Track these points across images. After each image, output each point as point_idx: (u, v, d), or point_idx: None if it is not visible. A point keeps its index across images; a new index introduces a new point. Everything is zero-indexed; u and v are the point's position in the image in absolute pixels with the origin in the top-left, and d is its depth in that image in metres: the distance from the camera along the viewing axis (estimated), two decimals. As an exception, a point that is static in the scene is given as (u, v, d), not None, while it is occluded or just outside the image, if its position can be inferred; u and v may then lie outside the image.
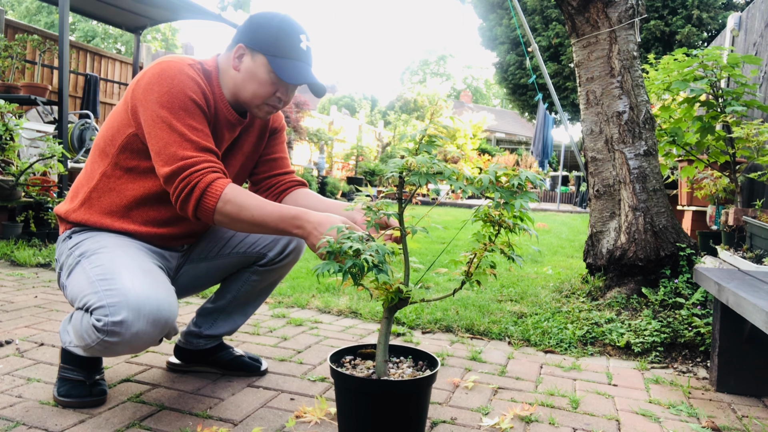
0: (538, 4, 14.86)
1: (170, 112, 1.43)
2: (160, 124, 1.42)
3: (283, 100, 1.60)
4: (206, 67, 1.58)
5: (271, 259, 1.75)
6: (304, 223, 1.41)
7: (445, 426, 1.52)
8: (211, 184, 1.40)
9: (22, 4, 28.46)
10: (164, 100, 1.43)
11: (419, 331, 2.47)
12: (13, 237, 4.02)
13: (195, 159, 1.41)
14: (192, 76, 1.48)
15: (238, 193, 1.42)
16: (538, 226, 4.41)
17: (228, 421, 1.47)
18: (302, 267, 3.70)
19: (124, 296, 1.31)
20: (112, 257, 1.43)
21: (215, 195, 1.39)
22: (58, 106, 4.60)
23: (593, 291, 2.87)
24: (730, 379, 1.89)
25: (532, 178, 1.24)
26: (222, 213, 1.41)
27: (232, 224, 1.44)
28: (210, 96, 1.54)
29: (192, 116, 1.45)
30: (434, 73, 49.88)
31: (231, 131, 1.64)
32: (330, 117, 14.39)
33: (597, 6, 2.85)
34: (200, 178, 1.40)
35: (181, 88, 1.45)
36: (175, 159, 1.41)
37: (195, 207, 1.41)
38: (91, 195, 1.56)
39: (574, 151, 5.75)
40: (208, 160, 1.43)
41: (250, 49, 1.53)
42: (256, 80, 1.53)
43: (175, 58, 1.51)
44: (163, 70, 1.46)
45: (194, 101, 1.46)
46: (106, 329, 1.30)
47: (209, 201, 1.40)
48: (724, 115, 3.04)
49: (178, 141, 1.41)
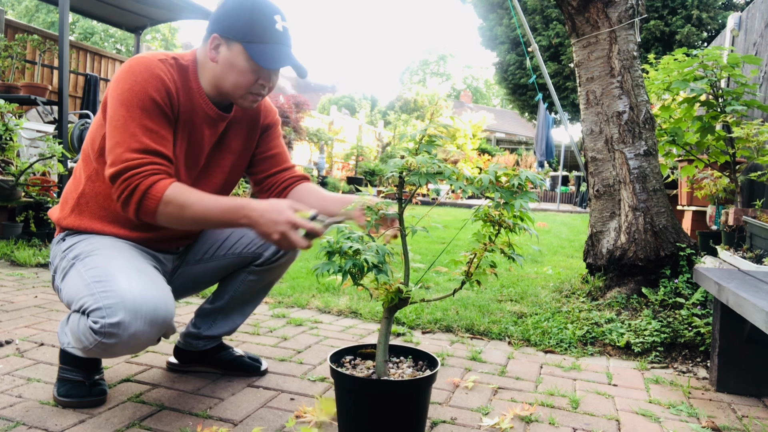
0: (538, 4, 14.85)
1: (127, 110, 1.40)
2: (115, 121, 1.40)
3: (267, 86, 1.55)
4: (182, 62, 1.53)
5: (267, 259, 1.73)
6: (248, 212, 1.38)
7: (445, 426, 1.51)
8: (152, 186, 1.37)
9: (21, 3, 28.45)
10: (124, 98, 1.41)
11: (419, 331, 2.46)
12: (13, 237, 4.02)
13: (139, 161, 1.38)
14: (157, 74, 1.44)
15: (180, 192, 1.39)
16: (538, 226, 4.40)
17: (228, 421, 1.47)
18: (302, 267, 3.70)
19: (120, 297, 1.31)
20: (106, 259, 1.42)
21: (155, 197, 1.37)
22: (58, 106, 4.60)
23: (593, 291, 2.87)
24: (730, 379, 1.88)
25: (532, 178, 1.24)
26: (164, 214, 1.38)
27: (177, 224, 1.42)
28: (180, 93, 1.50)
29: (149, 116, 1.42)
30: (434, 73, 49.87)
31: (212, 128, 1.59)
32: (330, 117, 14.39)
33: (597, 6, 2.85)
34: (141, 180, 1.37)
35: (143, 86, 1.41)
36: (120, 161, 1.38)
37: (136, 209, 1.38)
38: (80, 201, 1.55)
39: (574, 151, 5.75)
40: (153, 162, 1.40)
41: (225, 39, 1.48)
42: (235, 70, 1.49)
43: (147, 54, 1.48)
44: (131, 67, 1.43)
45: (154, 101, 1.42)
46: (104, 331, 1.30)
47: (150, 203, 1.37)
48: (724, 115, 3.04)
49: (127, 142, 1.38)
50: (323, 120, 13.76)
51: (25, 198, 4.05)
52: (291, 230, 1.37)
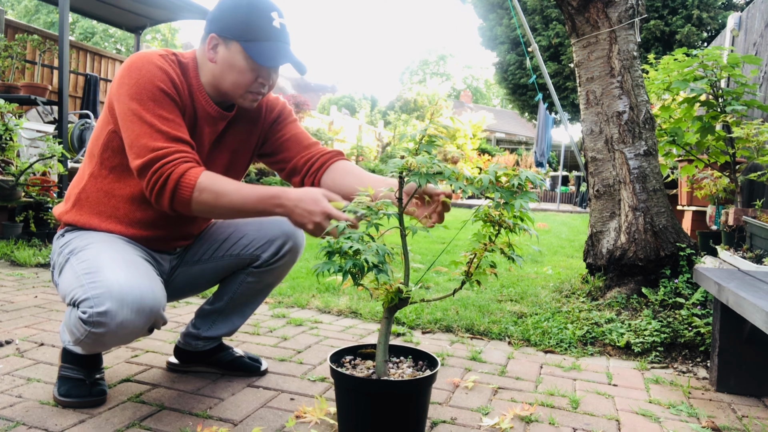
0: (538, 4, 14.85)
1: (139, 103, 1.41)
2: (131, 116, 1.41)
3: (267, 85, 1.55)
4: (182, 60, 1.54)
5: (266, 261, 1.72)
6: (284, 200, 1.37)
7: (445, 426, 1.51)
8: (185, 174, 1.37)
9: (21, 3, 28.45)
10: (133, 92, 1.41)
11: (419, 331, 2.46)
12: (13, 237, 4.02)
13: (166, 150, 1.38)
14: (160, 66, 1.45)
15: (214, 180, 1.38)
16: (538, 226, 4.40)
17: (228, 421, 1.47)
18: (302, 267, 3.70)
19: (107, 287, 1.31)
20: (97, 252, 1.43)
21: (190, 185, 1.36)
22: (58, 106, 4.60)
23: (593, 291, 2.87)
24: (730, 379, 1.88)
25: (532, 178, 1.24)
26: (199, 202, 1.38)
27: (211, 213, 1.42)
28: (183, 86, 1.50)
29: (161, 106, 1.42)
30: (434, 73, 49.87)
31: (212, 126, 1.59)
32: (330, 117, 14.40)
33: (597, 6, 2.85)
34: (173, 168, 1.37)
35: (149, 78, 1.42)
36: (147, 151, 1.38)
37: (171, 199, 1.38)
38: (81, 196, 1.56)
39: (574, 151, 5.75)
40: (180, 150, 1.40)
41: (222, 38, 1.48)
42: (234, 69, 1.48)
43: (147, 51, 1.50)
44: (133, 62, 1.44)
45: (162, 90, 1.43)
46: (92, 320, 1.30)
47: (185, 192, 1.37)
48: (724, 115, 3.04)
49: (148, 132, 1.39)
50: (323, 120, 13.76)
51: (25, 198, 4.05)
52: (325, 220, 1.35)
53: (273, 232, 1.72)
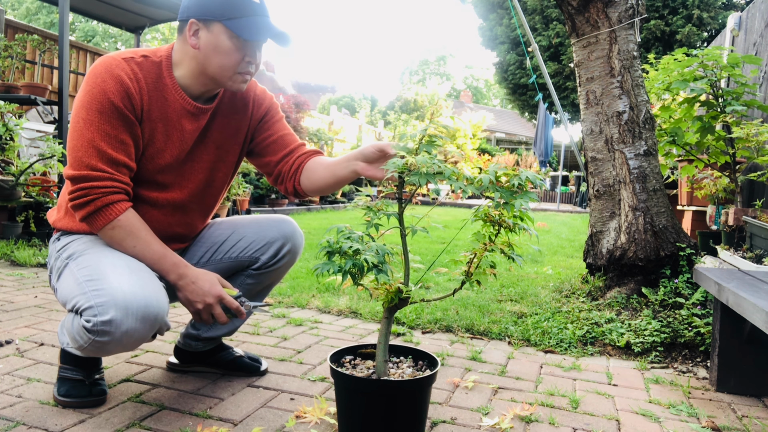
0: (538, 4, 14.85)
1: (87, 112, 1.41)
2: (75, 123, 1.42)
3: (254, 63, 1.52)
4: (153, 59, 1.51)
5: (264, 263, 1.72)
6: (183, 272, 1.47)
7: (445, 426, 1.51)
8: (110, 206, 1.41)
9: (23, 5, 28.46)
10: (84, 100, 1.42)
11: (419, 331, 2.46)
12: (13, 237, 4.02)
13: (101, 174, 1.40)
14: (116, 75, 1.42)
15: (132, 223, 1.44)
16: (538, 226, 4.40)
17: (228, 421, 1.47)
18: (302, 267, 3.70)
19: (111, 296, 1.31)
20: (98, 258, 1.42)
21: (107, 218, 1.42)
22: (58, 106, 4.60)
23: (593, 291, 2.87)
24: (730, 379, 1.88)
25: (532, 178, 1.24)
26: (106, 234, 1.44)
27: (112, 245, 1.47)
28: (145, 92, 1.48)
29: (108, 120, 1.41)
30: (434, 73, 49.88)
31: (194, 122, 1.57)
32: (330, 117, 14.39)
33: (597, 6, 2.85)
34: (100, 196, 1.40)
35: (102, 88, 1.41)
36: (82, 166, 1.40)
37: (84, 216, 1.42)
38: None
39: (574, 151, 5.75)
40: (114, 178, 1.42)
41: (203, 22, 1.45)
42: (220, 51, 1.46)
43: (113, 54, 1.47)
44: (94, 68, 1.44)
45: (112, 103, 1.41)
46: (96, 329, 1.30)
47: (100, 220, 1.42)
48: (724, 115, 3.04)
49: (86, 146, 1.40)
50: (323, 120, 13.76)
51: (25, 198, 4.06)
52: (216, 304, 1.45)
53: (271, 234, 1.72)
